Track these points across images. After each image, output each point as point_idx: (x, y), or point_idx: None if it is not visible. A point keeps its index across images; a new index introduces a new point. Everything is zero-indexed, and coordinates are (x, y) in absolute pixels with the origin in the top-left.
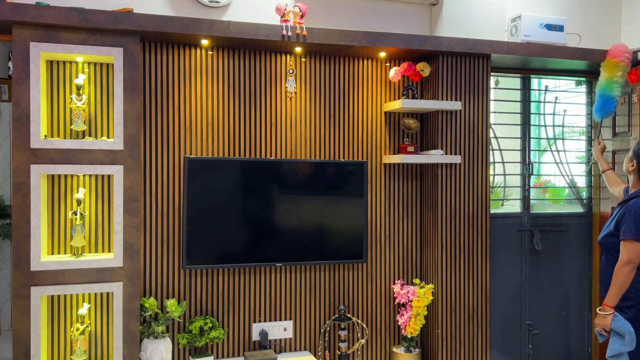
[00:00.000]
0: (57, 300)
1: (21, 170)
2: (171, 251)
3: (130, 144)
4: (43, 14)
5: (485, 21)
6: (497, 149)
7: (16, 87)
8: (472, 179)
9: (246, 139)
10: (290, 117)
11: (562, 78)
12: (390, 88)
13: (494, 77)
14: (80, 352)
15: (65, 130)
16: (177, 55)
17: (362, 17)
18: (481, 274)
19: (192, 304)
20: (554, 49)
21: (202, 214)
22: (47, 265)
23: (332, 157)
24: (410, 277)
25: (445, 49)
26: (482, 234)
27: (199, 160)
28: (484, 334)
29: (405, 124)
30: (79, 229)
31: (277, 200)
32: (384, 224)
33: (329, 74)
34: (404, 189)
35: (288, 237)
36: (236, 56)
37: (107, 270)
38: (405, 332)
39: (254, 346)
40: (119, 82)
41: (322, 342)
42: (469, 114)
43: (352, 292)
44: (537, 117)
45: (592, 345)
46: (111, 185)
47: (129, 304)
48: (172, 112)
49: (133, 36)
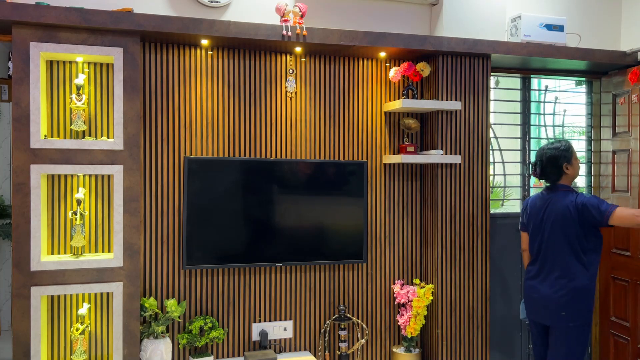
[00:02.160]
0: (57, 300)
1: (21, 170)
2: (171, 251)
3: (130, 144)
4: (43, 14)
5: (485, 21)
6: (497, 149)
7: (16, 87)
8: (472, 179)
9: (246, 139)
10: (290, 117)
11: (562, 78)
12: (390, 88)
13: (494, 77)
14: (80, 352)
15: (65, 130)
16: (177, 55)
17: (362, 17)
18: (481, 274)
19: (192, 304)
20: (554, 49)
21: (202, 214)
22: (47, 265)
23: (332, 157)
24: (410, 277)
25: (445, 49)
26: (482, 234)
27: (199, 160)
28: (484, 334)
29: (405, 124)
30: (79, 229)
31: (277, 200)
32: (384, 224)
33: (329, 74)
34: (404, 189)
35: (288, 237)
36: (236, 56)
37: (107, 270)
38: (405, 332)
39: (254, 346)
40: (119, 82)
41: (322, 342)
42: (469, 114)
43: (352, 292)
44: (537, 117)
45: (592, 345)
46: (111, 185)
47: (129, 304)
48: (172, 112)
49: (133, 36)
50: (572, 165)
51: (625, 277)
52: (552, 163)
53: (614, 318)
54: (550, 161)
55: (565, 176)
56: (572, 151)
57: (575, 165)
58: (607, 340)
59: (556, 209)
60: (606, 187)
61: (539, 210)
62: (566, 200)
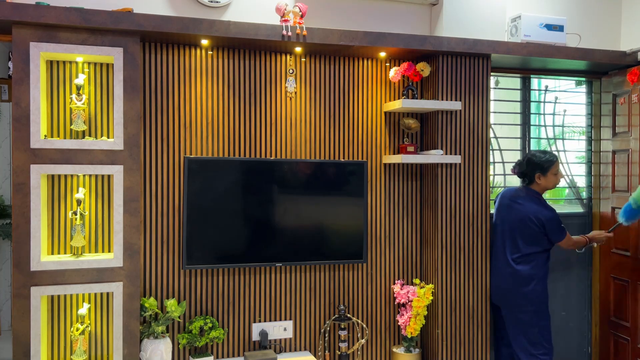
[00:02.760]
0: (57, 300)
1: (21, 170)
2: (171, 251)
3: (130, 144)
4: (43, 14)
5: (485, 21)
6: (497, 149)
7: (16, 87)
8: (472, 179)
9: (246, 139)
10: (290, 117)
11: (562, 78)
12: (390, 88)
13: (494, 77)
14: (80, 352)
15: (65, 130)
16: (177, 55)
17: (362, 17)
18: (481, 274)
19: (192, 304)
20: (554, 49)
21: (202, 214)
22: (47, 265)
23: (332, 157)
24: (410, 277)
25: (445, 49)
26: (482, 234)
27: (199, 160)
28: (484, 334)
29: (405, 124)
30: (79, 229)
31: (277, 200)
32: (384, 224)
33: (329, 74)
34: (404, 189)
35: (288, 237)
36: (236, 56)
37: (107, 270)
38: (405, 332)
39: (254, 346)
40: (119, 82)
41: (322, 342)
42: (469, 114)
43: (352, 292)
44: (537, 117)
45: (592, 345)
46: (111, 185)
47: (129, 304)
48: (172, 112)
49: (133, 36)
50: (546, 177)
51: (625, 277)
52: (529, 167)
53: (614, 318)
54: (528, 165)
55: (536, 184)
56: (552, 166)
57: (549, 179)
58: (607, 340)
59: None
60: (606, 187)
61: (503, 206)
62: (530, 208)
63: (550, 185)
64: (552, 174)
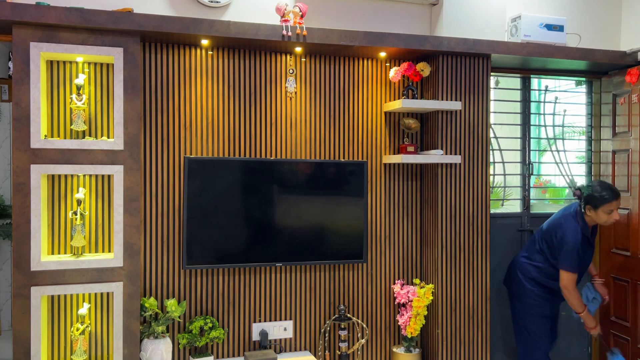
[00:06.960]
0: (57, 300)
1: (21, 170)
2: (171, 251)
3: (130, 144)
4: (43, 14)
5: (485, 21)
6: (497, 149)
7: (16, 87)
8: (472, 179)
9: (246, 139)
10: (290, 117)
11: (562, 78)
12: (390, 88)
13: (494, 77)
14: (80, 352)
15: (65, 130)
16: (177, 55)
17: (362, 17)
18: (481, 274)
19: (192, 304)
20: (554, 49)
21: (202, 214)
22: (47, 265)
23: (332, 157)
24: (410, 277)
25: (445, 49)
26: (482, 234)
27: (199, 160)
28: (484, 334)
29: (405, 124)
30: (79, 229)
31: (277, 200)
32: (384, 224)
33: (329, 74)
34: (404, 189)
35: (288, 237)
36: (236, 56)
37: (107, 270)
38: (405, 332)
39: (254, 346)
40: (119, 82)
41: (322, 342)
42: (469, 114)
43: (352, 292)
44: (537, 117)
45: (592, 345)
46: (111, 185)
47: (129, 304)
48: (172, 112)
49: (133, 36)
50: (597, 213)
51: (625, 277)
52: (586, 197)
53: (614, 318)
54: (587, 193)
55: (585, 214)
56: (604, 205)
57: (599, 216)
58: (607, 340)
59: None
60: None
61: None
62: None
63: (600, 221)
64: (604, 212)
